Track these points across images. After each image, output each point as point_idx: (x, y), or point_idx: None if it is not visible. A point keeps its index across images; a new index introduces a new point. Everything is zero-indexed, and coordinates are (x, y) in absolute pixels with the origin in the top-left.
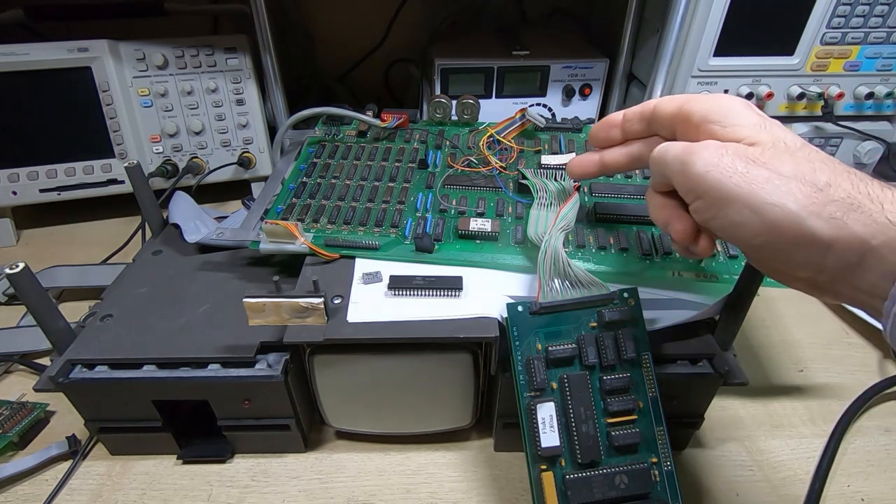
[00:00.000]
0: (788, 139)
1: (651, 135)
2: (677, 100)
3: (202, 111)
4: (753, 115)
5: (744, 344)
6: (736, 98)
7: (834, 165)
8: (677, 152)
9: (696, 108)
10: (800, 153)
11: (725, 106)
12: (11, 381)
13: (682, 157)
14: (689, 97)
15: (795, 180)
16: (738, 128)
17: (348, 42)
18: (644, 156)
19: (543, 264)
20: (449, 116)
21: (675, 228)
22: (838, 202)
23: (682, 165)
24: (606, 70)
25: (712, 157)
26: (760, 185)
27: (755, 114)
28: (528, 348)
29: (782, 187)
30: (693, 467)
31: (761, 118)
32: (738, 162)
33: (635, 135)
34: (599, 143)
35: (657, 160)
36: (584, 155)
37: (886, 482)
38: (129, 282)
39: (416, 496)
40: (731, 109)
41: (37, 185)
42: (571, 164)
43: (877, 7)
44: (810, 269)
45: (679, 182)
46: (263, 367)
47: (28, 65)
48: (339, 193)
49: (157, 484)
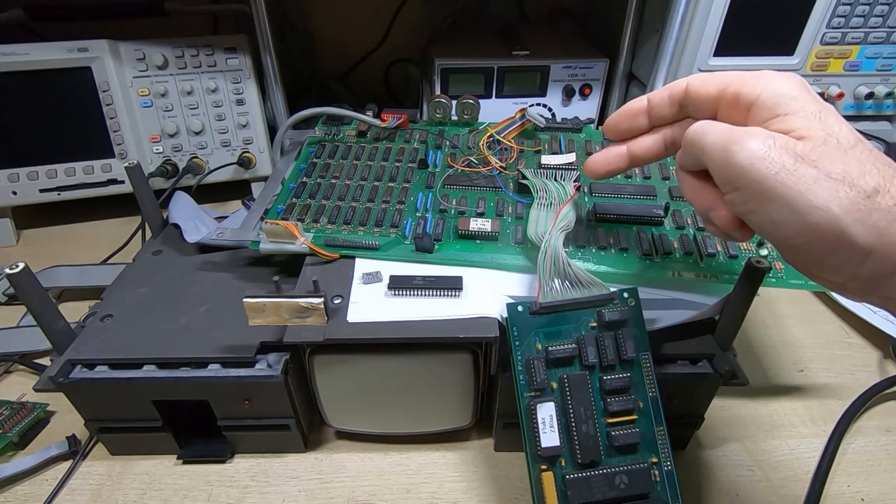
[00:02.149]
0: (842, 135)
1: (684, 117)
2: (719, 80)
3: (202, 111)
4: (810, 101)
5: (744, 344)
6: (791, 78)
7: (886, 168)
8: (718, 137)
9: (746, 91)
10: (852, 152)
11: (781, 89)
12: (11, 381)
13: (723, 144)
14: (732, 75)
15: (843, 183)
16: (792, 117)
17: (348, 42)
18: (676, 142)
19: (543, 264)
20: (449, 116)
21: (720, 215)
22: (884, 210)
23: (724, 153)
24: (606, 70)
25: (759, 148)
26: (807, 186)
27: (812, 100)
28: (528, 348)
29: (829, 190)
30: (693, 467)
31: (818, 106)
32: (787, 157)
33: (665, 120)
34: (622, 134)
35: (693, 141)
36: (607, 150)
37: (886, 482)
38: (129, 282)
39: (416, 496)
40: (787, 94)
41: (37, 185)
42: (593, 163)
43: (877, 7)
44: (844, 274)
45: (717, 169)
46: (263, 367)
47: (28, 65)
48: (339, 193)
49: (157, 484)
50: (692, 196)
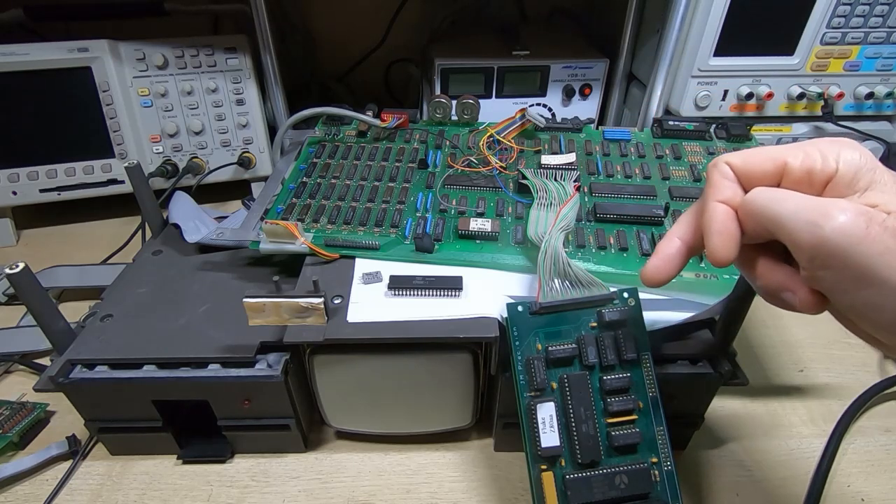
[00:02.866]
0: None
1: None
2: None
3: (202, 111)
4: (885, 171)
5: (744, 344)
6: (857, 147)
7: None
8: (799, 207)
9: (820, 166)
10: None
11: (856, 162)
12: (11, 381)
13: (809, 217)
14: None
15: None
16: (874, 192)
17: (348, 42)
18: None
19: (543, 264)
20: (449, 116)
21: (801, 298)
22: None
23: (811, 227)
24: (606, 70)
25: (855, 225)
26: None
27: (885, 170)
28: (528, 348)
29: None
30: (693, 467)
31: (892, 175)
32: (889, 237)
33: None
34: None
35: (762, 211)
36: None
37: (886, 482)
38: (129, 282)
39: (416, 496)
40: (863, 166)
41: (37, 185)
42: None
43: (877, 7)
44: None
45: (802, 244)
46: (263, 367)
47: (28, 65)
48: (339, 193)
49: (157, 484)
50: (756, 273)
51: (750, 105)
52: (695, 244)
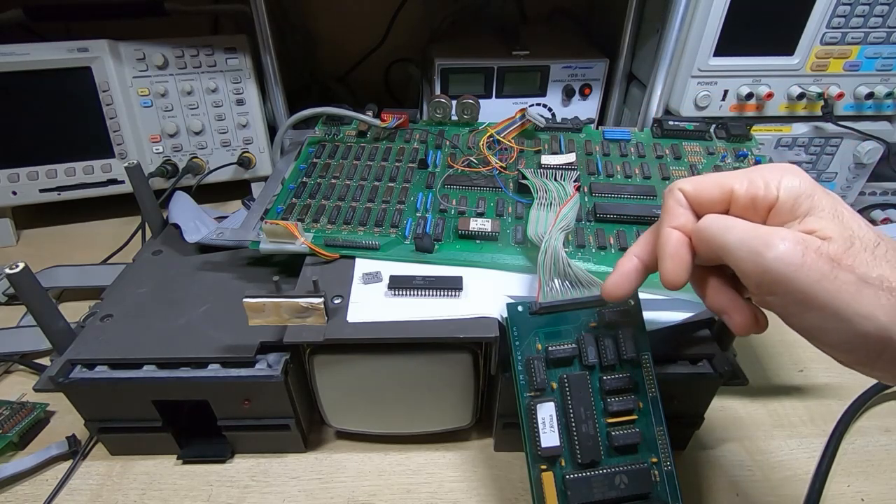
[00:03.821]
0: (863, 233)
1: None
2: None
3: (202, 111)
4: (824, 196)
5: (744, 344)
6: (798, 173)
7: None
8: (743, 237)
9: (762, 194)
10: (878, 252)
11: (796, 189)
12: (11, 381)
13: (752, 246)
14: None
15: (882, 289)
16: (812, 218)
17: (348, 42)
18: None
19: (543, 264)
20: (449, 116)
21: (736, 322)
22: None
23: (754, 256)
24: (606, 70)
25: (794, 253)
26: (850, 294)
27: (825, 194)
28: (528, 348)
29: (871, 297)
30: (693, 467)
31: (832, 200)
32: (823, 263)
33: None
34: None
35: (712, 238)
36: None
37: (886, 482)
38: (129, 282)
39: (416, 496)
40: (803, 192)
41: (37, 185)
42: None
43: (877, 7)
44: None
45: (748, 273)
46: (263, 367)
47: (28, 65)
48: (339, 193)
49: (157, 484)
50: (705, 294)
51: (750, 105)
52: (650, 263)
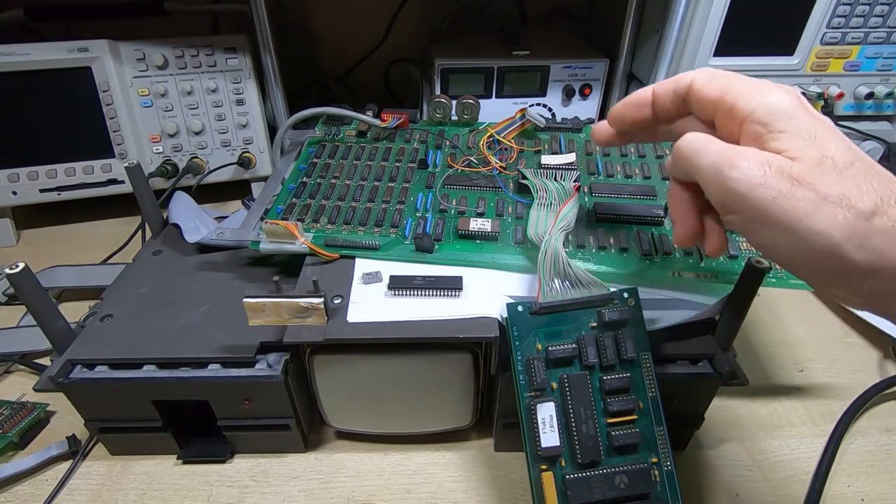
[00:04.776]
0: (838, 155)
1: (687, 113)
2: (721, 82)
3: (202, 111)
4: (805, 118)
5: (744, 344)
6: (788, 93)
7: (883, 187)
8: (713, 159)
9: (742, 105)
10: (848, 172)
11: (775, 106)
12: (11, 381)
13: (718, 167)
14: (733, 82)
15: (840, 206)
16: (786, 136)
17: (348, 42)
18: (676, 135)
19: (543, 264)
20: (449, 116)
21: (675, 232)
22: (882, 232)
23: (718, 176)
24: (606, 70)
25: (754, 173)
26: (805, 211)
27: (807, 117)
28: (528, 348)
29: (828, 214)
30: (693, 467)
31: (813, 123)
32: (783, 181)
33: (668, 114)
34: (627, 124)
35: (686, 158)
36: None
37: (886, 482)
38: (129, 282)
39: (416, 496)
40: (781, 111)
41: (37, 185)
42: (593, 132)
43: (877, 7)
44: (846, 291)
45: (713, 192)
46: (263, 367)
47: (28, 65)
48: (339, 193)
49: (157, 484)
50: (669, 203)
51: None
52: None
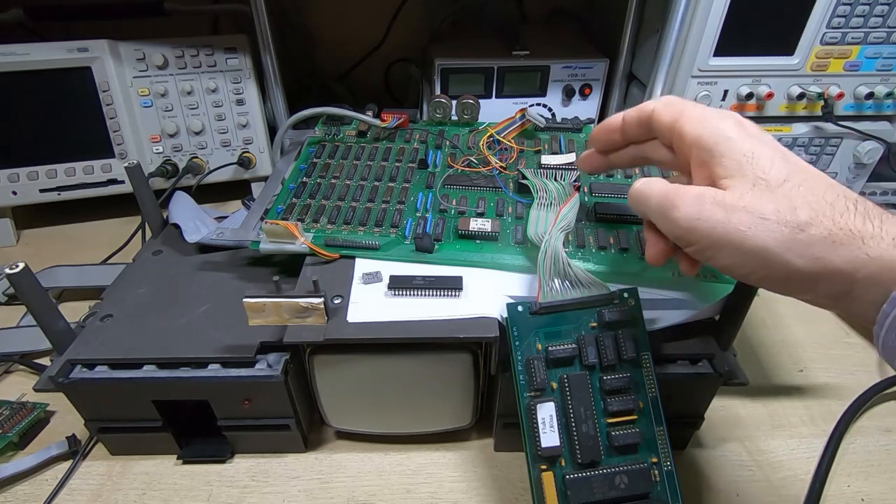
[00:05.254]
0: (773, 173)
1: (651, 138)
2: (673, 110)
3: (202, 111)
4: (742, 141)
5: (744, 344)
6: (726, 119)
7: (816, 198)
8: (657, 202)
9: (687, 131)
10: (781, 190)
11: (714, 133)
12: (11, 381)
13: (662, 209)
14: (683, 110)
15: (776, 223)
16: (723, 161)
17: (348, 42)
18: (648, 159)
19: (543, 264)
20: (449, 116)
21: (647, 253)
22: (819, 241)
23: (665, 217)
24: (606, 70)
25: (693, 209)
26: (744, 231)
27: (745, 139)
28: (528, 348)
29: (763, 231)
30: (693, 467)
31: (750, 145)
32: (718, 211)
33: (635, 138)
34: (601, 146)
35: (636, 202)
36: (590, 153)
37: (886, 482)
38: (129, 282)
39: (416, 496)
40: (719, 137)
41: (37, 185)
42: (580, 162)
43: (877, 7)
44: (807, 295)
45: (665, 230)
46: (263, 367)
47: (28, 65)
48: (339, 193)
49: (157, 484)
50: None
51: (750, 105)
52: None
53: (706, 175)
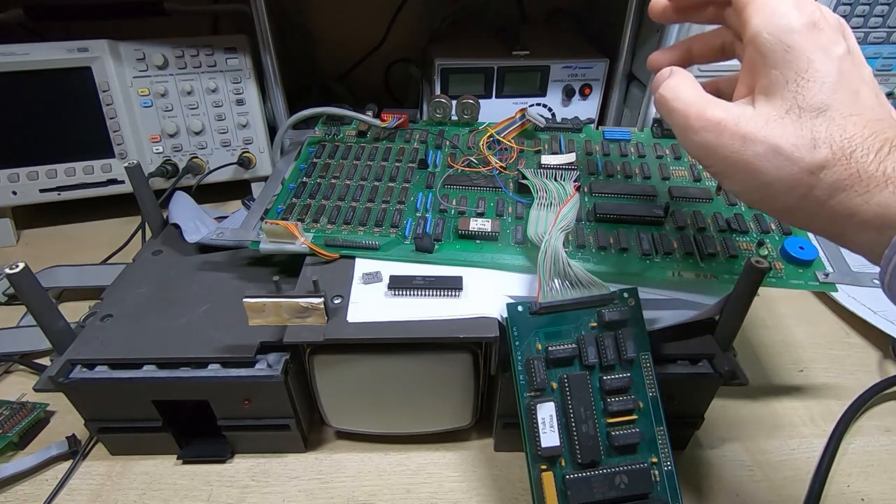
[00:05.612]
0: (813, 102)
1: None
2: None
3: (202, 111)
4: (800, 55)
5: (744, 344)
6: (800, 16)
7: (847, 135)
8: (679, 116)
9: (751, 23)
10: (812, 122)
11: (777, 35)
12: (11, 381)
13: (681, 127)
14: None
15: (789, 159)
16: (771, 73)
17: (348, 42)
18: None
19: (543, 264)
20: (449, 116)
21: None
22: (825, 187)
23: (683, 135)
24: (606, 70)
25: (710, 137)
26: (755, 164)
27: (803, 52)
28: (528, 348)
29: (774, 167)
30: (693, 467)
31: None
32: (735, 141)
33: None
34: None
35: (661, 103)
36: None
37: (886, 482)
38: (129, 282)
39: (416, 496)
40: (780, 44)
41: (37, 185)
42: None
43: (877, 7)
44: (808, 225)
45: (683, 146)
46: (263, 367)
47: (28, 65)
48: (339, 193)
49: (157, 484)
50: None
51: None
52: None
53: (750, 79)
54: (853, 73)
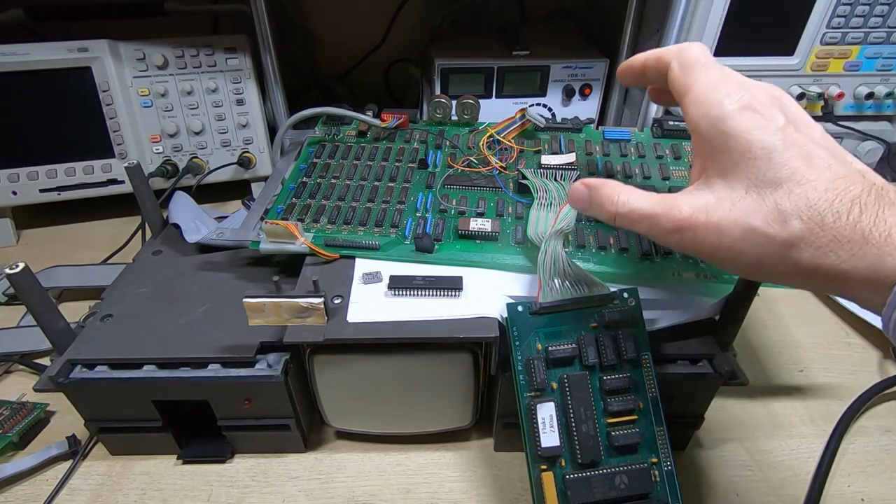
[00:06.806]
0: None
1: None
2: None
3: (202, 111)
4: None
5: (744, 344)
6: (732, 101)
7: (814, 202)
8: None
9: (690, 114)
10: (774, 196)
11: (713, 126)
12: (11, 381)
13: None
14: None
15: (765, 236)
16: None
17: (348, 42)
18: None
19: (543, 264)
20: (449, 116)
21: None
22: (811, 255)
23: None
24: (606, 70)
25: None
26: (737, 248)
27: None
28: (528, 348)
29: (754, 247)
30: (693, 467)
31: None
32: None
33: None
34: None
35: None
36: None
37: (886, 482)
38: (129, 282)
39: (416, 496)
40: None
41: (37, 185)
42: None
43: (877, 7)
44: (813, 289)
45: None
46: (263, 367)
47: (28, 65)
48: (339, 193)
49: (157, 484)
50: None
51: None
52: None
53: (701, 162)
54: (799, 139)
